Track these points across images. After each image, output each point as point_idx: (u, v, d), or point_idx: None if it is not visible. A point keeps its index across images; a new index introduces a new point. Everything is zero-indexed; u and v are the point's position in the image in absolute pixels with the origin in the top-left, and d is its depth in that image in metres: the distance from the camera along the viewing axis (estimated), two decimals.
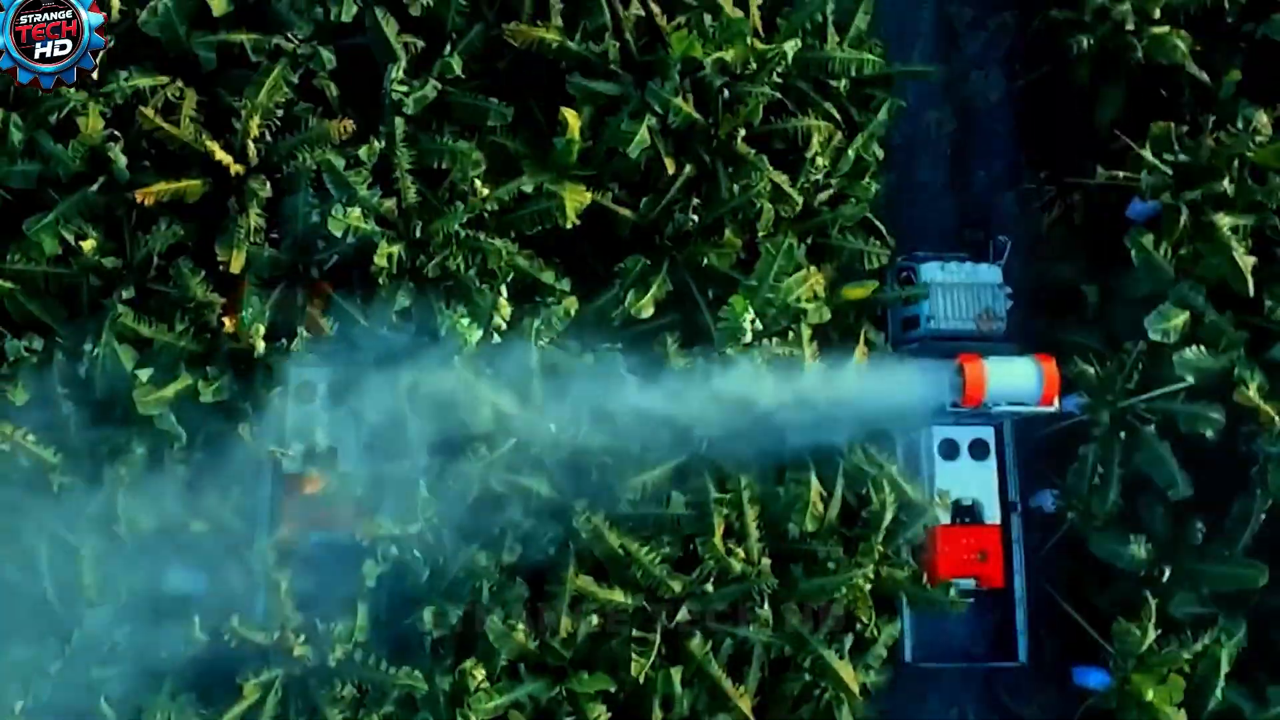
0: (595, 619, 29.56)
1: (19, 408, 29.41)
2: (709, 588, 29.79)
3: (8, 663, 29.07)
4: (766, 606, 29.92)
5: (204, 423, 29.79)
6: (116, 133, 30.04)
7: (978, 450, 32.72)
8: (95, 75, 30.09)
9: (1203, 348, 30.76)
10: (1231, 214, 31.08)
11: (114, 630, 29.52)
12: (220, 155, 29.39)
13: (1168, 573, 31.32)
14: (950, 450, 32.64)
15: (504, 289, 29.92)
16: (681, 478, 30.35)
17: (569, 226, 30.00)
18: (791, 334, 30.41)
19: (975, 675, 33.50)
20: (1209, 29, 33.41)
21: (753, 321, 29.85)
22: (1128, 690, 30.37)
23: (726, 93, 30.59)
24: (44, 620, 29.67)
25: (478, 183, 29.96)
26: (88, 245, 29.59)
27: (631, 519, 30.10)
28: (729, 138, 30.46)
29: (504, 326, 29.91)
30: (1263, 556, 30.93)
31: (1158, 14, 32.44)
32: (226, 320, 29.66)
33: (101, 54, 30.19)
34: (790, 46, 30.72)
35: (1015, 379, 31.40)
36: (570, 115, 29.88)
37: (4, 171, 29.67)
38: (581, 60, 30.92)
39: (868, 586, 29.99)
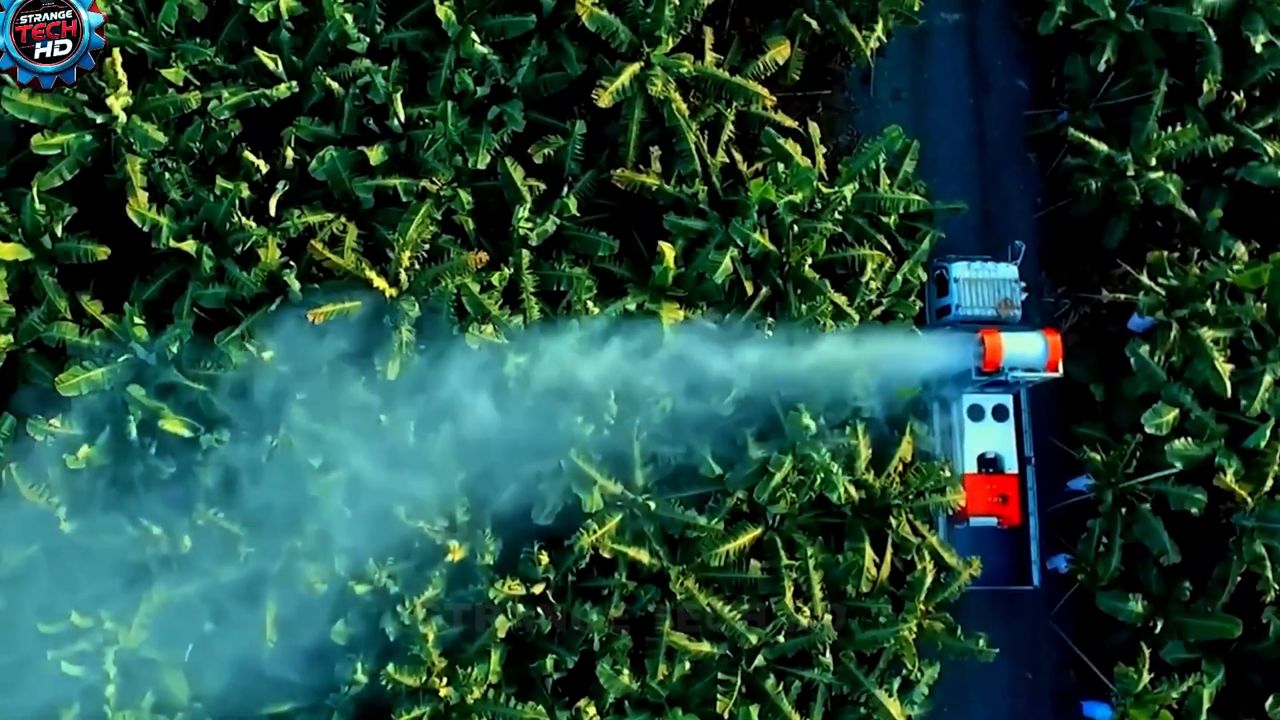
0: (687, 664, 34.39)
1: (210, 490, 34.56)
2: (781, 638, 34.58)
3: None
4: (828, 654, 34.68)
5: (364, 501, 34.90)
6: (291, 261, 34.88)
7: (999, 414, 37.92)
8: (274, 213, 35.51)
9: (1189, 439, 35.54)
10: (1214, 328, 36.02)
11: (289, 670, 34.86)
12: (377, 281, 34.18)
13: (1160, 625, 35.92)
14: (976, 413, 37.87)
15: (612, 391, 34.69)
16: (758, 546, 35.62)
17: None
18: (848, 427, 35.69)
19: None
20: (1196, 173, 38.56)
21: (816, 416, 34.99)
22: None
23: (796, 228, 35.68)
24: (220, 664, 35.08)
25: (589, 302, 35.13)
26: (267, 355, 34.39)
27: (717, 581, 35.10)
28: (798, 265, 35.58)
29: (612, 423, 34.71)
30: (1238, 612, 35.59)
31: (1154, 161, 37.51)
32: (382, 416, 35.26)
33: (278, 195, 35.73)
34: (849, 189, 35.89)
35: (1026, 348, 36.48)
36: (666, 247, 35.06)
37: (198, 293, 34.72)
38: (676, 201, 36.13)
39: (912, 637, 34.62)
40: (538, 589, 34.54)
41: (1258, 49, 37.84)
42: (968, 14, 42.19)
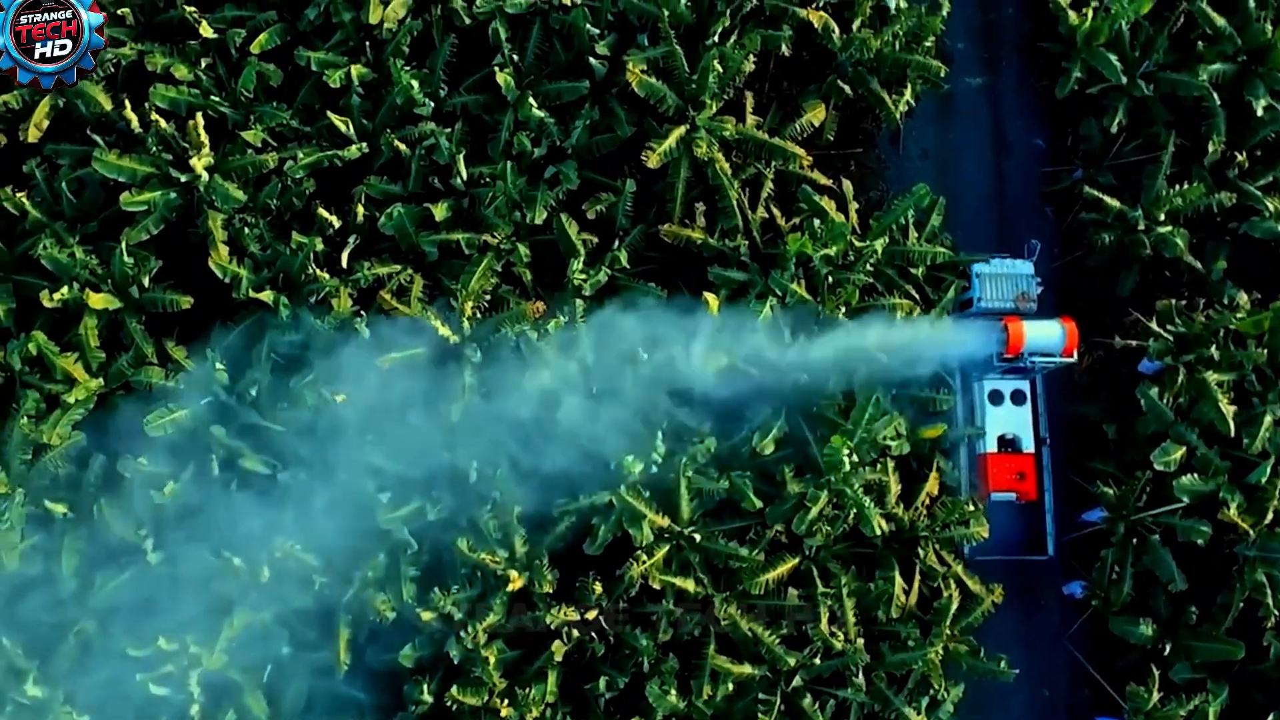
0: (730, 685, 36.20)
1: (289, 523, 36.52)
2: (817, 661, 36.48)
3: None
4: (861, 675, 36.73)
5: (430, 534, 37.34)
6: (361, 310, 37.01)
7: (1017, 398, 40.37)
8: (345, 265, 37.83)
9: (1195, 475, 37.57)
10: (1218, 372, 38.05)
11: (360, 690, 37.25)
12: (442, 330, 36.36)
13: (1169, 647, 37.81)
14: (996, 398, 40.34)
15: (660, 432, 36.87)
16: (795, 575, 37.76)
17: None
18: (879, 464, 37.99)
19: None
20: (1202, 227, 40.79)
21: (850, 454, 37.10)
22: None
23: (831, 279, 37.90)
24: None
25: (639, 349, 37.39)
26: (340, 398, 36.56)
27: (757, 608, 37.18)
28: (832, 313, 37.68)
29: (660, 460, 36.83)
30: (1241, 635, 37.47)
31: (1163, 216, 39.77)
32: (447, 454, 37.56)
33: (349, 248, 37.99)
34: (880, 243, 38.09)
35: (1045, 334, 38.88)
36: (710, 297, 37.32)
37: (275, 340, 36.93)
38: (719, 253, 38.36)
39: (939, 659, 36.64)
40: (591, 615, 36.40)
41: (1259, 112, 40.14)
42: (990, 78, 44.62)
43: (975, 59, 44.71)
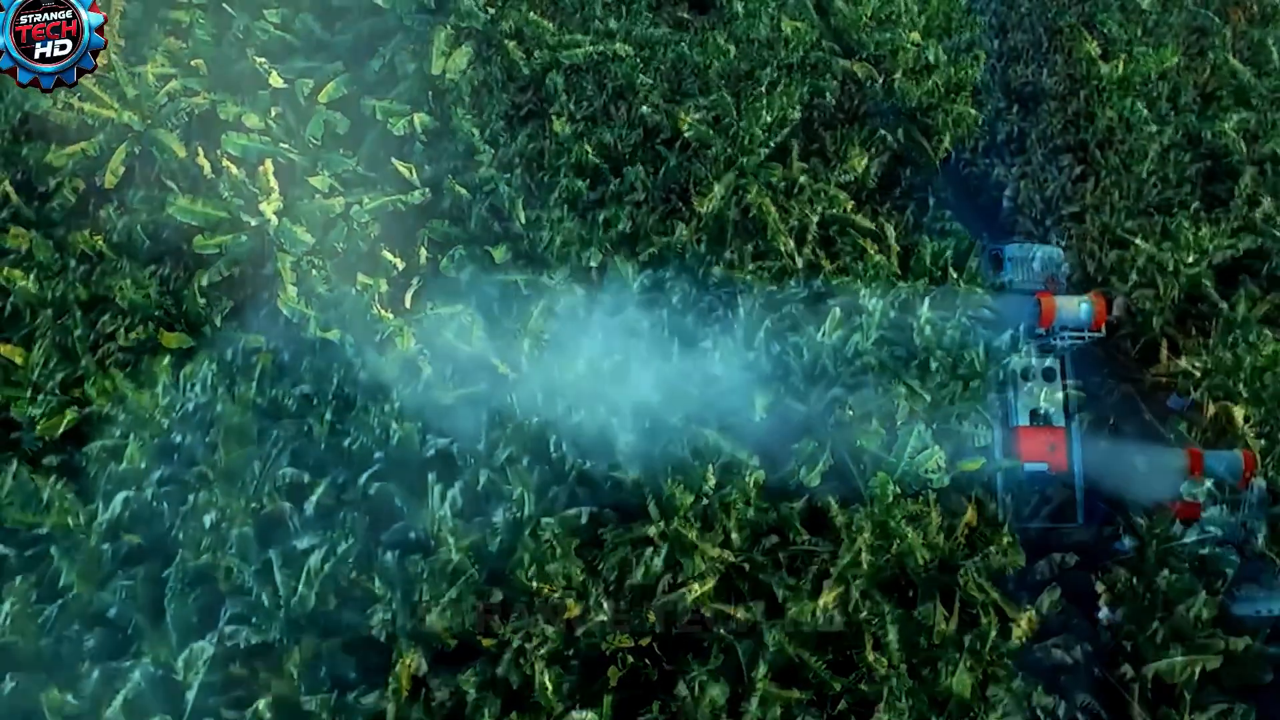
0: (778, 709, 37.31)
1: (353, 551, 37.84)
2: (862, 685, 37.41)
3: None
4: (904, 699, 37.56)
5: (490, 562, 38.62)
6: (425, 349, 38.40)
7: (1048, 375, 42.29)
8: (409, 305, 39.49)
9: (1224, 507, 38.96)
10: (1244, 407, 39.34)
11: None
12: (502, 369, 38.02)
13: (1198, 670, 38.16)
14: (1029, 375, 42.25)
15: (711, 468, 38.47)
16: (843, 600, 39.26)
17: (758, 419, 39.24)
18: (922, 496, 39.55)
19: None
20: (1229, 268, 42.34)
21: (893, 487, 38.63)
22: None
23: None
24: None
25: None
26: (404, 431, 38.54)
27: (804, 634, 38.90)
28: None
29: (711, 493, 38.48)
30: (1269, 659, 38.48)
31: (1190, 258, 41.33)
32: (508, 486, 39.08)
33: (413, 290, 39.57)
34: (920, 284, 39.67)
35: (1075, 309, 41.18)
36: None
37: (341, 376, 38.69)
38: (767, 294, 40.00)
39: (977, 684, 37.58)
40: (645, 641, 37.54)
41: None
42: (1023, 124, 46.04)
43: (1010, 106, 46.26)
